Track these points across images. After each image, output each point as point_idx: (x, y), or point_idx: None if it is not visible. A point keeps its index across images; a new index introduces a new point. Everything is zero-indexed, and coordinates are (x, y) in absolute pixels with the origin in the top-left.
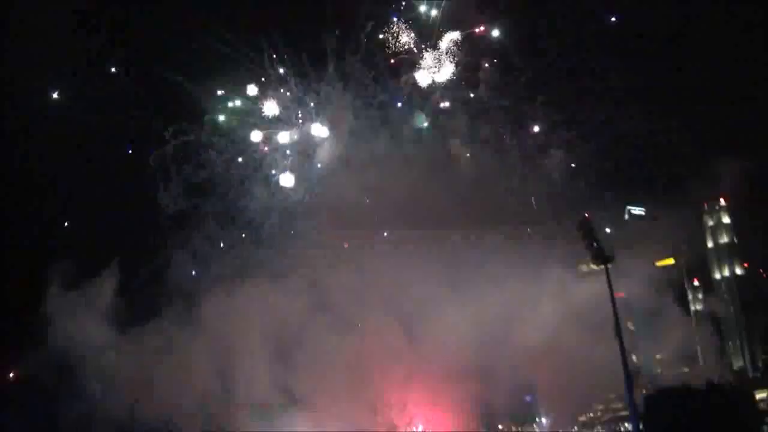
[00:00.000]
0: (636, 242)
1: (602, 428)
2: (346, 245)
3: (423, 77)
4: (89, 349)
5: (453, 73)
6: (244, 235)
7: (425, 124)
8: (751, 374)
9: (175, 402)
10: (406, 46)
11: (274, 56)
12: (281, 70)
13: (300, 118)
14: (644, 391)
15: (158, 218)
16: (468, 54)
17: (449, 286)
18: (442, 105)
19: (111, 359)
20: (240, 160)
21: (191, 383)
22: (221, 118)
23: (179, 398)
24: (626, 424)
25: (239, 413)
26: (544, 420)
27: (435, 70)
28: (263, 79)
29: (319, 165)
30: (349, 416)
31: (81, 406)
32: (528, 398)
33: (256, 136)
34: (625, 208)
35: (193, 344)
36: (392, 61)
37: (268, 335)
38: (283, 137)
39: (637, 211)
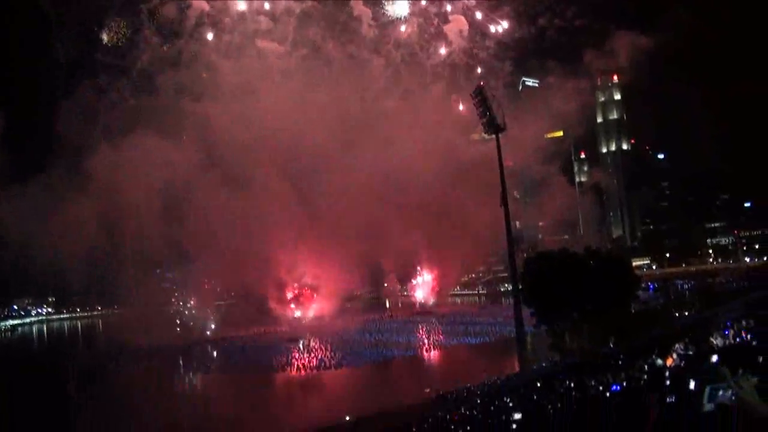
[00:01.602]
0: (528, 114)
1: (483, 288)
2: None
3: None
4: None
5: None
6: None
7: None
8: (629, 243)
9: (60, 258)
10: None
11: None
12: None
13: None
14: (525, 255)
15: (46, 65)
16: None
17: (342, 144)
18: None
19: None
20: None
21: (78, 239)
22: None
23: (65, 255)
24: (506, 285)
25: (126, 269)
26: (427, 277)
27: None
28: None
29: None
30: (237, 272)
31: None
32: (414, 261)
33: None
34: (520, 79)
35: (80, 199)
36: None
37: (156, 191)
38: None
39: (531, 82)
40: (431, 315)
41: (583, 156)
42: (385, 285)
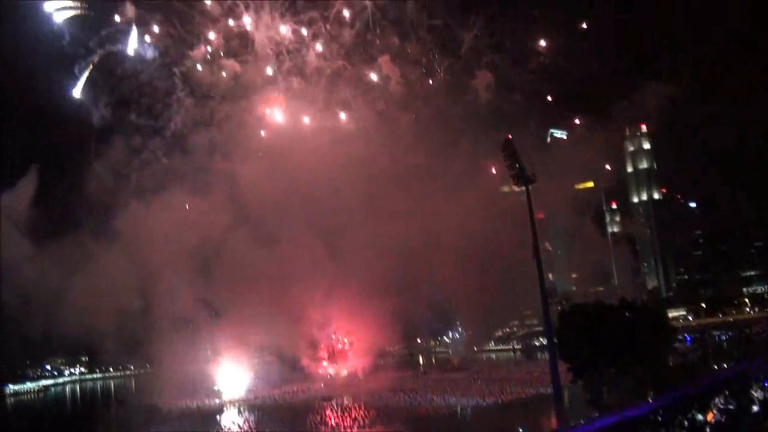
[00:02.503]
0: (557, 165)
1: (517, 343)
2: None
3: None
4: (3, 262)
5: None
6: (167, 148)
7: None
8: (664, 294)
9: (92, 317)
10: None
11: None
12: None
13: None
14: (559, 308)
15: (81, 128)
16: None
17: (372, 199)
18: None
19: (27, 272)
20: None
21: (109, 298)
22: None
23: (97, 313)
24: (541, 339)
25: (159, 328)
26: (460, 333)
27: None
28: None
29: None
30: (270, 330)
31: None
32: (447, 317)
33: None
34: (548, 131)
35: (113, 258)
36: None
37: (188, 248)
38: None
39: (560, 134)
40: (465, 371)
41: (614, 206)
42: (418, 341)
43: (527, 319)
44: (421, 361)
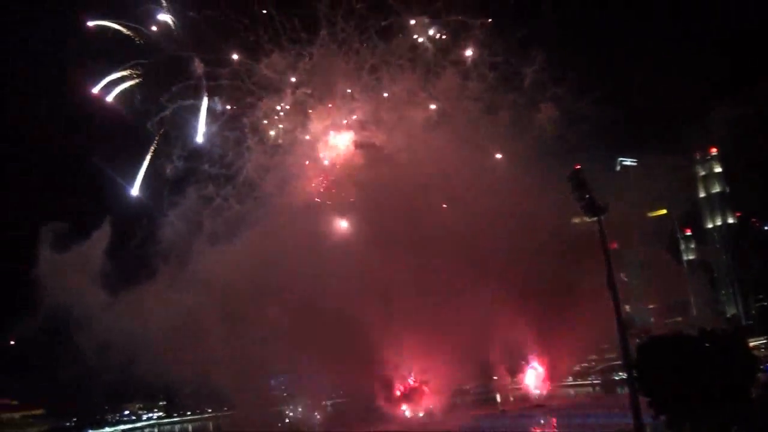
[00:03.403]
0: (628, 193)
1: (596, 377)
2: (351, 199)
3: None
4: (83, 310)
5: (443, 32)
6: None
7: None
8: (744, 322)
9: (170, 362)
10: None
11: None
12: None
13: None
14: (637, 341)
15: (154, 179)
16: (459, 12)
17: (442, 234)
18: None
19: (105, 320)
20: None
21: (185, 342)
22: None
23: (175, 359)
24: (620, 373)
25: (234, 370)
26: (537, 368)
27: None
28: (258, 44)
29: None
30: (344, 369)
31: (77, 368)
32: (524, 353)
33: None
34: (616, 159)
35: (187, 303)
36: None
37: (261, 291)
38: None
39: (629, 162)
40: (544, 408)
41: (688, 233)
42: (495, 378)
43: (605, 352)
44: (498, 399)
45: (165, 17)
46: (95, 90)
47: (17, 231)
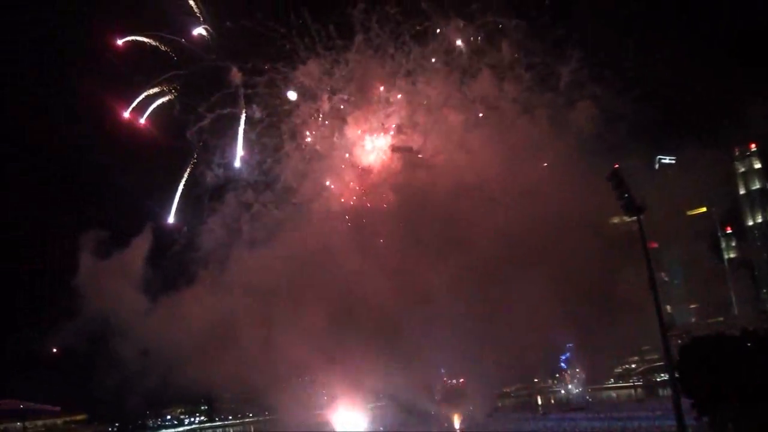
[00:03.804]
0: (667, 192)
1: (637, 379)
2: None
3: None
4: (123, 317)
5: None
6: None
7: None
8: None
9: (211, 367)
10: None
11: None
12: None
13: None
14: (679, 342)
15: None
16: (494, 14)
17: (480, 246)
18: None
19: (145, 326)
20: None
21: (226, 347)
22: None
23: (216, 363)
24: (662, 375)
25: (275, 375)
26: (578, 371)
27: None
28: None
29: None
30: (384, 373)
31: (116, 375)
32: (564, 356)
33: (291, 95)
34: (654, 157)
35: (228, 308)
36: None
37: (299, 295)
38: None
39: (668, 160)
40: (585, 411)
41: (729, 231)
42: (536, 380)
43: (647, 354)
44: (539, 402)
45: (201, 29)
46: (130, 108)
47: (59, 239)
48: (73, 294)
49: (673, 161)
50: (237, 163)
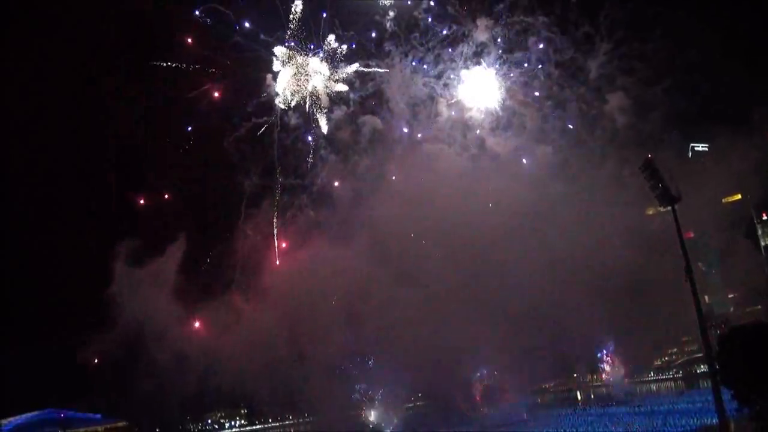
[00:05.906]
0: (701, 180)
1: (677, 371)
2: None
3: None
4: (159, 324)
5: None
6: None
7: None
8: None
9: (249, 371)
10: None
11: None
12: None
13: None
14: (718, 332)
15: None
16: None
17: (513, 231)
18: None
19: (181, 333)
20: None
21: (264, 351)
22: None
23: (253, 366)
24: (702, 366)
25: (314, 377)
26: (617, 364)
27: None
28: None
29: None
30: (422, 372)
31: (153, 382)
32: (603, 350)
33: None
34: (688, 145)
35: (265, 312)
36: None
37: (337, 297)
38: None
39: (701, 147)
40: (626, 405)
41: (765, 217)
42: (575, 375)
43: (686, 345)
44: (579, 397)
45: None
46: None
47: (94, 250)
48: (108, 303)
49: (707, 149)
50: None
